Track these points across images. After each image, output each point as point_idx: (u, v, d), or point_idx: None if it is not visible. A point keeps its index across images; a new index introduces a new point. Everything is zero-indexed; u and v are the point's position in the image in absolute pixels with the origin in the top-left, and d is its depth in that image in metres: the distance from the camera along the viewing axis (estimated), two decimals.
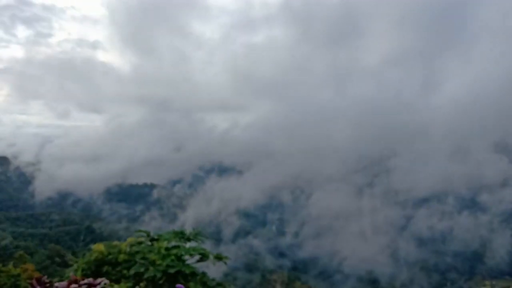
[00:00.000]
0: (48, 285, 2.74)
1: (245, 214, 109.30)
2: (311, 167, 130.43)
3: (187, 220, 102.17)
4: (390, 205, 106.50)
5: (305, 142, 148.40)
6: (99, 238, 59.37)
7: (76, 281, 2.80)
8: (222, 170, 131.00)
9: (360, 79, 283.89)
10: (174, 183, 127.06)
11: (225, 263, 4.89)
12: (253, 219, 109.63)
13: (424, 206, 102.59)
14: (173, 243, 4.81)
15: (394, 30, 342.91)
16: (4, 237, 62.23)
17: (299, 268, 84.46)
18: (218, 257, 4.78)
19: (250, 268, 78.47)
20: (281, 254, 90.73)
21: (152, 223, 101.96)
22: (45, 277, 2.93)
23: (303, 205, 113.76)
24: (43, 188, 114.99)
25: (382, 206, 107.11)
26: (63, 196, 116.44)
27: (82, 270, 5.08)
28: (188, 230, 5.21)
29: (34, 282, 2.78)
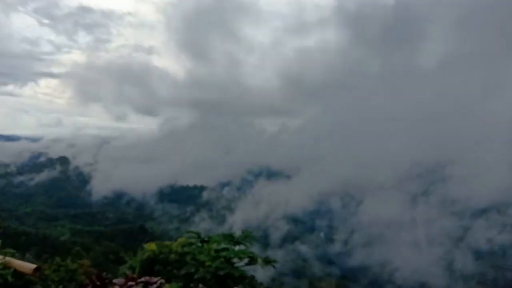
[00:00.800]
0: (107, 281, 3.20)
1: (293, 220, 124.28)
2: (362, 173, 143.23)
3: (235, 222, 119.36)
4: (446, 215, 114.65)
5: (356, 147, 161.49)
6: (151, 237, 70.09)
7: (133, 279, 3.18)
8: (270, 174, 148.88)
9: (416, 83, 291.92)
10: (223, 185, 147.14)
11: (274, 267, 5.35)
12: (301, 225, 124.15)
13: (482, 217, 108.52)
14: (223, 245, 5.38)
15: (453, 32, 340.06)
16: (63, 233, 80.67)
17: (348, 277, 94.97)
18: (267, 261, 5.25)
19: (297, 274, 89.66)
20: (330, 262, 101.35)
21: (202, 224, 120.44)
22: (104, 273, 3.48)
23: (353, 212, 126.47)
24: (99, 187, 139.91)
25: (438, 216, 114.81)
26: (118, 195, 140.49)
27: (135, 268, 5.90)
28: (236, 233, 5.83)
29: (94, 278, 3.29)
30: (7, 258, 2.61)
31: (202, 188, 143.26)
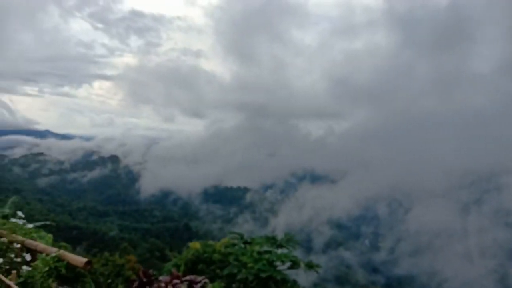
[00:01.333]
0: (153, 278, 3.47)
1: (337, 225, 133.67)
2: (411, 179, 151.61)
3: (278, 225, 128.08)
4: (500, 226, 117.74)
5: (404, 152, 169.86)
6: (195, 236, 75.39)
7: (178, 277, 3.45)
8: (315, 178, 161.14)
9: (468, 87, 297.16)
10: (267, 188, 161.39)
11: (317, 272, 5.72)
12: (346, 231, 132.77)
13: None
14: (265, 247, 5.81)
15: (508, 34, 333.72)
16: (112, 229, 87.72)
17: (394, 286, 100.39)
18: (309, 265, 5.71)
19: (340, 280, 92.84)
20: (374, 270, 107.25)
21: (245, 225, 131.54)
22: (151, 270, 3.73)
23: (400, 220, 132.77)
24: (147, 186, 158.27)
25: (491, 226, 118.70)
26: (165, 194, 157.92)
27: (179, 266, 6.47)
28: (279, 236, 6.32)
29: (141, 274, 3.57)
30: (61, 251, 3.17)
31: (245, 190, 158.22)
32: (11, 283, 2.55)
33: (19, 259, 2.96)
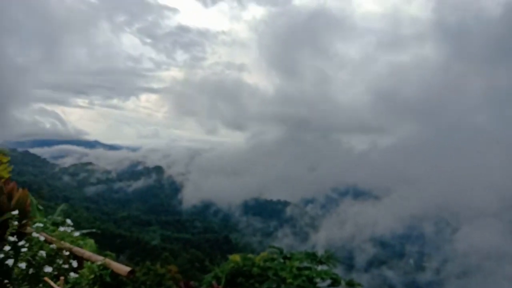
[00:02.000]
0: None
1: (381, 243, 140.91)
2: (459, 198, 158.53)
3: (319, 241, 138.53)
4: None
5: (453, 170, 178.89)
6: (235, 249, 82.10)
7: None
8: (358, 194, 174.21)
9: None
10: (307, 202, 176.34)
11: None
12: (389, 249, 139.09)
13: None
14: (305, 263, 6.10)
15: None
16: (154, 238, 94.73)
17: None
18: (351, 284, 5.74)
19: None
20: None
21: (284, 240, 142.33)
22: (192, 282, 4.10)
23: (447, 239, 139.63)
24: (189, 197, 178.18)
25: None
26: (206, 205, 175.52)
27: (219, 278, 6.91)
28: (320, 252, 6.48)
29: (182, 285, 3.99)
30: (107, 260, 3.44)
31: (285, 204, 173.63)
32: None
33: (66, 266, 3.35)
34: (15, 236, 3.00)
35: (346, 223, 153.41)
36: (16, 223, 3.08)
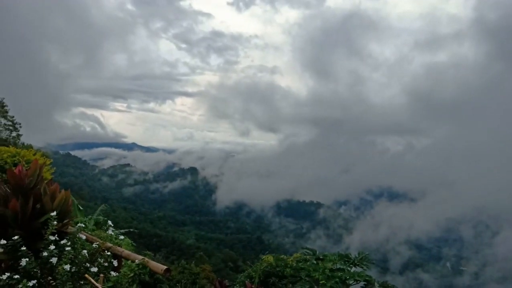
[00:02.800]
0: None
1: (416, 246, 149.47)
2: (499, 200, 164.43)
3: (352, 243, 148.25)
4: None
5: (493, 172, 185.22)
6: (267, 249, 73.51)
7: None
8: (393, 196, 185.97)
9: None
10: (340, 204, 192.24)
11: None
12: (425, 252, 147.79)
13: None
14: (338, 265, 6.42)
15: None
16: (188, 238, 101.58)
17: None
18: (385, 286, 6.08)
19: None
20: None
21: (317, 241, 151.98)
22: (226, 281, 4.50)
23: (486, 243, 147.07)
24: (223, 198, 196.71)
25: None
26: (239, 206, 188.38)
27: (252, 278, 7.35)
28: (353, 254, 6.84)
29: (216, 283, 4.44)
30: (146, 259, 3.64)
31: (318, 205, 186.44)
32: (99, 285, 3.20)
33: (106, 264, 3.64)
34: (56, 236, 3.47)
35: (381, 225, 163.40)
36: (57, 222, 3.54)
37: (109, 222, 5.31)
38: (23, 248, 3.42)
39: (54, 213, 3.68)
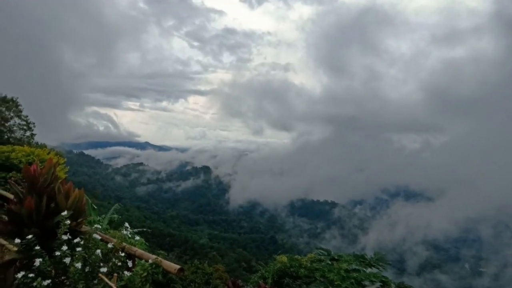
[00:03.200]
0: None
1: (434, 246, 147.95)
2: None
3: (368, 243, 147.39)
4: None
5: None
6: (281, 249, 73.12)
7: None
8: (409, 195, 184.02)
9: None
10: (355, 203, 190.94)
11: None
12: (443, 253, 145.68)
13: None
14: (353, 266, 6.43)
15: None
16: (202, 237, 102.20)
17: None
18: (401, 287, 6.09)
19: None
20: None
21: (332, 241, 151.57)
22: (239, 281, 4.58)
23: (507, 243, 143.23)
24: (236, 197, 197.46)
25: None
26: (252, 205, 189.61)
27: (265, 278, 7.51)
28: (369, 254, 6.82)
29: (229, 283, 4.55)
30: (159, 259, 3.70)
31: (333, 204, 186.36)
32: (113, 284, 3.28)
33: (120, 264, 3.70)
34: (69, 235, 3.52)
35: (397, 225, 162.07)
36: (71, 221, 3.59)
37: (126, 224, 5.33)
38: (37, 247, 3.46)
39: (68, 212, 3.74)
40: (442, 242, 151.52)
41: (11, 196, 4.59)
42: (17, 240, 3.51)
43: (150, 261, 3.85)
